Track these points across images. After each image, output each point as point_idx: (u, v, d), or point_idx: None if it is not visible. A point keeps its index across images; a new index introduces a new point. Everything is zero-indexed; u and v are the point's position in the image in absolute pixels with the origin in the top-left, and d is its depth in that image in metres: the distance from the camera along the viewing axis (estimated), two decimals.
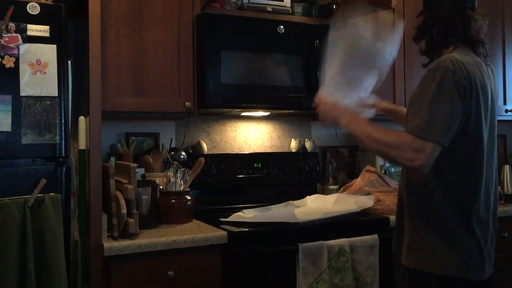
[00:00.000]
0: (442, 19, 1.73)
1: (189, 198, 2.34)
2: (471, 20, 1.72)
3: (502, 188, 3.02)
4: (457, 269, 1.63)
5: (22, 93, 1.80)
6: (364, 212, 2.54)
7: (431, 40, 1.78)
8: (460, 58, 1.63)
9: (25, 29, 1.81)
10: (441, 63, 1.61)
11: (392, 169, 2.96)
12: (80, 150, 2.04)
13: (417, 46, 1.88)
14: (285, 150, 3.03)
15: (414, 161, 1.56)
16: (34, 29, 1.83)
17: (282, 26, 2.54)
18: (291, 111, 2.80)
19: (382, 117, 2.14)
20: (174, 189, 2.34)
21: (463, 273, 1.63)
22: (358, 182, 2.71)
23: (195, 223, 2.30)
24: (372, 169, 2.74)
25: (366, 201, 2.55)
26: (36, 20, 1.83)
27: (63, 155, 1.87)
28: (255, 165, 2.80)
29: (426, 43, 1.81)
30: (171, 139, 2.71)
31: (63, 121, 1.87)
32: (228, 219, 2.32)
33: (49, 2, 2.00)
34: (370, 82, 1.93)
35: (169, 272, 1.99)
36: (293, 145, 2.99)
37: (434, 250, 1.66)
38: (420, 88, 1.64)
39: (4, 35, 1.77)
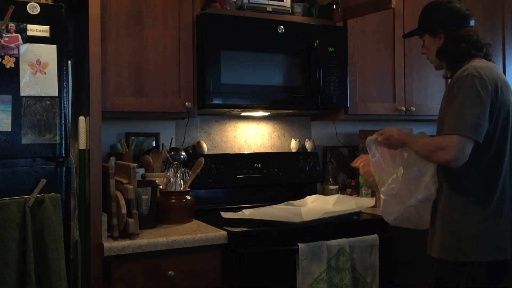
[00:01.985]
0: (467, 36, 1.96)
1: (189, 198, 2.34)
2: (480, 36, 1.99)
3: None
4: (488, 254, 1.82)
5: (22, 93, 1.80)
6: (364, 212, 2.55)
7: (456, 56, 1.97)
8: (481, 65, 1.87)
9: (25, 29, 1.81)
10: (467, 71, 1.84)
11: None
12: (80, 150, 2.04)
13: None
14: (285, 150, 3.03)
15: (443, 158, 1.82)
16: (34, 29, 1.83)
17: (282, 26, 2.54)
18: (291, 111, 2.80)
19: None
20: (174, 189, 2.34)
21: (493, 256, 1.82)
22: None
23: (195, 223, 2.30)
24: None
25: (367, 202, 2.55)
26: (36, 20, 1.83)
27: (63, 155, 1.87)
28: (255, 165, 2.80)
29: (451, 59, 1.99)
30: (171, 139, 2.71)
31: (63, 121, 1.87)
32: (229, 216, 2.32)
33: (49, 2, 2.00)
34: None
35: (169, 272, 1.99)
36: (293, 145, 2.99)
37: (464, 239, 1.84)
38: (450, 97, 1.87)
39: (4, 35, 1.77)
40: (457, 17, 2.01)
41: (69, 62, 1.93)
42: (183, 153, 2.60)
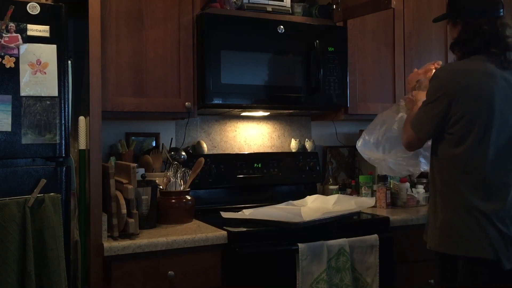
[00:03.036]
0: (485, 30, 1.81)
1: (189, 198, 2.34)
2: (506, 28, 1.82)
3: None
4: (483, 250, 1.77)
5: (22, 93, 1.80)
6: (364, 212, 2.55)
7: (468, 50, 1.86)
8: (455, 67, 1.88)
9: (25, 29, 1.81)
10: (436, 70, 1.92)
11: None
12: (80, 150, 2.04)
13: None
14: (285, 150, 3.03)
15: (402, 140, 2.07)
16: (34, 29, 1.83)
17: (282, 26, 2.54)
18: (291, 111, 2.80)
19: None
20: (174, 189, 2.34)
21: (489, 254, 1.77)
22: None
23: (195, 223, 2.30)
24: None
25: (367, 202, 2.55)
26: (36, 20, 1.83)
27: (63, 155, 1.87)
28: (255, 165, 2.80)
29: (464, 53, 1.88)
30: (171, 139, 2.71)
31: (63, 121, 1.87)
32: (229, 216, 2.32)
33: (49, 2, 2.00)
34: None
35: (169, 272, 1.99)
36: (293, 145, 2.99)
37: (460, 233, 1.81)
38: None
39: (4, 35, 1.77)
40: (481, 5, 1.84)
41: (69, 62, 1.93)
42: (183, 153, 2.60)
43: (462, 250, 1.81)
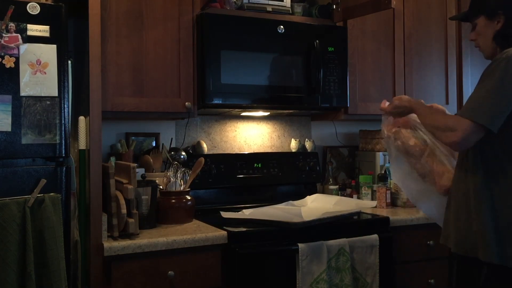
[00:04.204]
0: None
1: (189, 198, 2.34)
2: None
3: None
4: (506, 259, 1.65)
5: (22, 93, 1.80)
6: (364, 212, 2.55)
7: (510, 41, 1.78)
8: None
9: (25, 29, 1.81)
10: (506, 53, 1.66)
11: None
12: (80, 150, 2.04)
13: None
14: (285, 150, 3.03)
15: (449, 138, 1.69)
16: (34, 29, 1.82)
17: (282, 26, 2.54)
18: (291, 111, 2.80)
19: None
20: (174, 189, 2.34)
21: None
22: None
23: (195, 223, 2.30)
24: None
25: (368, 203, 2.55)
26: (36, 20, 1.83)
27: (63, 155, 1.87)
28: (255, 165, 2.80)
29: (505, 45, 1.78)
30: (171, 139, 2.71)
31: (63, 121, 1.87)
32: (229, 216, 2.32)
33: (49, 2, 2.00)
34: None
35: (169, 272, 1.99)
36: (293, 145, 2.99)
37: (485, 238, 1.68)
38: (480, 78, 1.70)
39: (4, 35, 1.77)
40: None
41: (69, 62, 1.93)
42: (183, 153, 2.60)
43: None
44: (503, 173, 1.70)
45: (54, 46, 1.85)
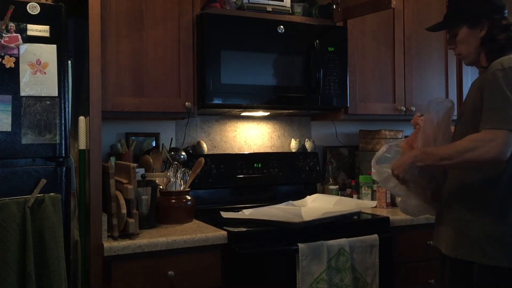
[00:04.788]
0: (508, 26, 1.81)
1: (189, 198, 2.34)
2: None
3: None
4: (501, 259, 1.68)
5: (22, 93, 1.80)
6: (364, 212, 2.54)
7: (503, 46, 1.81)
8: None
9: (25, 29, 1.81)
10: (507, 63, 1.68)
11: None
12: (80, 150, 2.04)
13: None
14: (285, 150, 3.03)
15: (489, 153, 1.62)
16: (34, 29, 1.82)
17: (282, 26, 2.54)
18: (291, 111, 2.80)
19: None
20: (174, 189, 2.34)
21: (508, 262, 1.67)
22: None
23: (195, 223, 2.30)
24: None
25: (368, 204, 2.55)
26: (36, 20, 1.83)
27: (63, 155, 1.87)
28: (255, 165, 2.80)
29: (497, 49, 1.82)
30: (171, 139, 2.71)
31: (63, 121, 1.86)
32: (229, 216, 2.32)
33: (49, 2, 1.99)
34: None
35: (169, 272, 1.99)
36: (293, 145, 2.99)
37: (480, 241, 1.70)
38: (487, 90, 1.70)
39: (4, 35, 1.77)
40: (498, 6, 1.86)
41: (69, 62, 1.93)
42: (183, 153, 2.60)
43: None
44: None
45: (54, 46, 1.85)
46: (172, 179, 2.35)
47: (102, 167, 2.03)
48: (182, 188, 2.36)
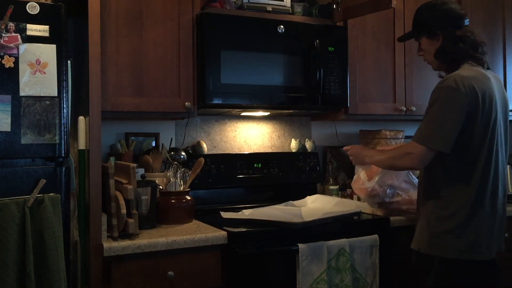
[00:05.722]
0: (464, 37, 1.99)
1: (189, 198, 2.34)
2: (476, 35, 2.01)
3: None
4: (456, 251, 1.89)
5: (22, 93, 1.80)
6: (364, 212, 2.54)
7: (454, 57, 2.00)
8: (467, 74, 1.90)
9: (25, 29, 1.81)
10: (446, 82, 1.89)
11: None
12: (79, 150, 2.03)
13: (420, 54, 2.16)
14: (285, 150, 3.03)
15: (406, 164, 2.00)
16: (34, 29, 1.82)
17: (282, 26, 2.53)
18: (291, 111, 2.79)
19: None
20: (174, 189, 2.34)
21: (462, 255, 1.89)
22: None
23: (195, 223, 2.30)
24: None
25: (368, 205, 2.55)
26: (35, 20, 1.83)
27: (63, 155, 1.87)
28: (255, 165, 2.80)
29: (449, 60, 2.03)
30: (171, 139, 2.71)
31: (62, 121, 1.86)
32: (229, 216, 2.31)
33: (49, 2, 1.99)
34: None
35: (169, 272, 1.99)
36: (293, 145, 2.99)
37: (437, 234, 1.93)
38: (429, 104, 1.95)
39: (3, 35, 1.77)
40: (454, 17, 2.03)
41: (69, 62, 1.93)
42: (183, 153, 2.59)
43: None
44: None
45: (54, 46, 1.85)
46: (172, 179, 2.35)
47: (102, 167, 2.02)
48: (182, 188, 2.35)
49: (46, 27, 1.84)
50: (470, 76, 1.90)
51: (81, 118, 2.04)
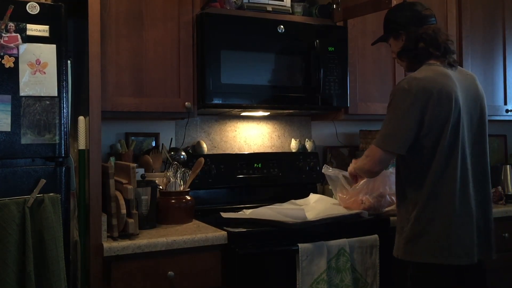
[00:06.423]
0: (424, 35, 1.98)
1: (189, 198, 2.34)
2: (441, 33, 2.01)
3: (503, 188, 3.01)
4: (427, 255, 1.88)
5: (22, 93, 1.80)
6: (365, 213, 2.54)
7: (415, 56, 2.02)
8: (421, 76, 1.91)
9: (25, 29, 1.81)
10: (399, 84, 1.93)
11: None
12: (79, 150, 2.03)
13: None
14: (285, 150, 3.03)
15: (363, 168, 2.05)
16: (34, 29, 1.82)
17: (282, 26, 2.53)
18: (291, 111, 2.79)
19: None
20: (174, 189, 2.34)
21: (433, 259, 1.87)
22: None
23: (195, 223, 2.30)
24: None
25: None
26: (35, 20, 1.83)
27: (63, 155, 1.87)
28: (255, 165, 2.80)
29: (411, 59, 2.05)
30: (171, 139, 2.71)
31: (62, 121, 1.86)
32: (229, 216, 2.31)
33: (49, 2, 1.99)
34: None
35: (169, 272, 1.99)
36: (293, 145, 2.99)
37: (408, 238, 1.92)
38: (388, 106, 1.97)
39: (3, 35, 1.77)
40: (416, 17, 2.04)
41: (69, 62, 1.93)
42: (183, 153, 2.60)
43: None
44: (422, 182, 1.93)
45: (54, 46, 1.85)
46: (172, 179, 2.35)
47: (102, 167, 2.02)
48: (182, 188, 2.35)
49: (46, 27, 1.84)
50: (424, 77, 1.91)
51: (81, 118, 2.04)
